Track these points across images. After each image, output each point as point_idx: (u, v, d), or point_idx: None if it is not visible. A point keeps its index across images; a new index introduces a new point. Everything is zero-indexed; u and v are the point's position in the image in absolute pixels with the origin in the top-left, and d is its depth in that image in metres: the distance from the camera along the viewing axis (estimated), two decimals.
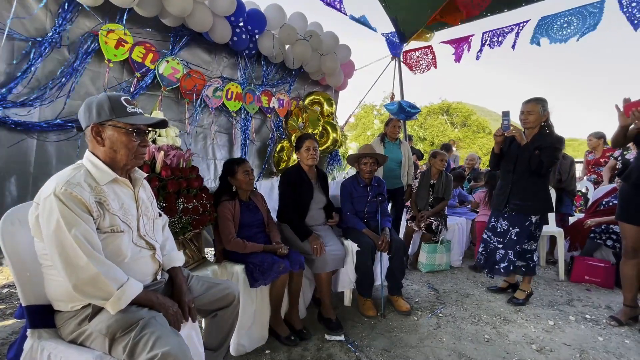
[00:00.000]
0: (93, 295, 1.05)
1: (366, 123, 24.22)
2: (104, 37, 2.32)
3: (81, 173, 1.11)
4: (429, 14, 4.27)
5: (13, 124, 2.00)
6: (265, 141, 3.74)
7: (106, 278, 1.04)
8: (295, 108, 3.92)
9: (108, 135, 1.15)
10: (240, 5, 2.91)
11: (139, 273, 1.21)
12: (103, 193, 1.12)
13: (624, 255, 2.35)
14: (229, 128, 3.34)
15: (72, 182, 1.06)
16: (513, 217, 2.56)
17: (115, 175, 1.17)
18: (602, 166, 4.61)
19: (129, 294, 1.08)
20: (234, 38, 3.03)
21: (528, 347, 2.06)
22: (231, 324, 1.52)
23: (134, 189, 1.26)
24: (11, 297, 2.60)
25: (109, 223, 1.12)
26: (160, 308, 1.16)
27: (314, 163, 2.42)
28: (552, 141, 2.39)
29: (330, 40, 3.77)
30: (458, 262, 3.70)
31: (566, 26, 3.41)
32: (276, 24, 3.32)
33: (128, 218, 1.19)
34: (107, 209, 1.12)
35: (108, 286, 1.04)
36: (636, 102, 2.01)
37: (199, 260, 2.02)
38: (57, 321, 1.16)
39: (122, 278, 1.08)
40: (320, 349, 1.99)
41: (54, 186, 1.04)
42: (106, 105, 1.14)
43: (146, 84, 2.59)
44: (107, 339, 1.06)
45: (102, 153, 1.17)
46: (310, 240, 2.25)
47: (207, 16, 2.70)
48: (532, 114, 2.43)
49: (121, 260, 1.15)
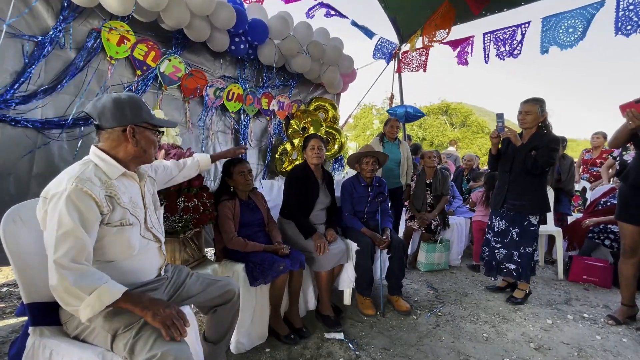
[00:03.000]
0: (63, 302, 1.01)
1: (366, 123, 24.21)
2: (107, 34, 2.32)
3: (90, 168, 1.12)
4: (428, 14, 4.28)
5: (13, 122, 2.00)
6: (264, 143, 3.74)
7: (75, 286, 0.97)
8: (297, 111, 3.91)
9: (144, 136, 1.20)
10: (241, 17, 2.87)
11: (148, 265, 1.26)
12: (113, 187, 1.14)
13: (622, 254, 2.36)
14: (229, 128, 3.35)
15: (82, 177, 1.06)
16: (511, 217, 2.59)
17: (124, 169, 1.19)
18: (597, 166, 4.63)
19: (103, 300, 0.99)
20: (232, 47, 3.02)
21: (526, 345, 2.07)
22: (232, 319, 1.54)
23: (139, 182, 1.29)
24: (11, 296, 2.60)
25: (120, 216, 1.14)
26: (146, 312, 1.03)
27: (319, 162, 2.43)
28: (548, 141, 2.40)
29: (334, 52, 3.73)
30: (457, 262, 3.71)
31: (572, 31, 3.41)
32: (280, 35, 3.29)
33: (136, 211, 1.21)
34: (118, 202, 1.14)
35: (77, 293, 0.98)
36: (631, 103, 2.04)
37: (199, 259, 2.03)
38: (62, 316, 1.17)
39: (95, 284, 0.99)
40: (320, 348, 2.00)
41: (65, 182, 1.04)
42: (142, 108, 1.20)
43: (149, 82, 2.59)
44: (109, 335, 1.07)
45: (126, 151, 1.19)
46: (314, 239, 2.25)
47: (204, 28, 2.69)
48: (530, 114, 2.45)
49: (130, 253, 1.17)
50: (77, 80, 2.28)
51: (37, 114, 2.12)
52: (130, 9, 2.28)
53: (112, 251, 1.14)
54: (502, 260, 2.64)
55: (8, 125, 2.00)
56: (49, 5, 2.12)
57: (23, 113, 2.06)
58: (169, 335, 1.01)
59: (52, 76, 2.18)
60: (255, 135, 3.62)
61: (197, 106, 3.04)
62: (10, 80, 2.00)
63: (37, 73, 2.10)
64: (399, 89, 5.24)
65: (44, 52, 2.10)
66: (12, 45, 2.00)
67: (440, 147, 22.51)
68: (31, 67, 2.05)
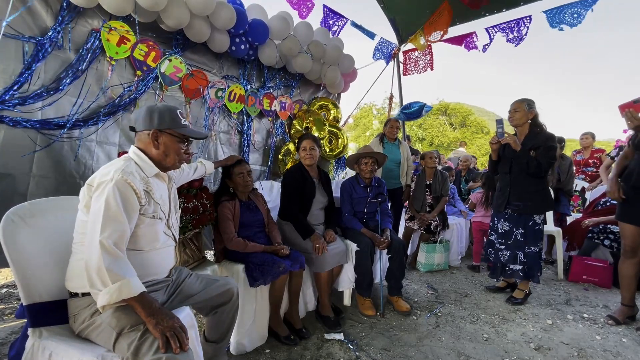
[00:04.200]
0: (90, 281, 1.07)
1: (366, 123, 24.21)
2: (106, 34, 2.31)
3: (132, 164, 1.24)
4: (427, 15, 4.28)
5: (12, 123, 2.00)
6: (266, 144, 3.73)
7: (107, 270, 1.05)
8: (299, 111, 3.91)
9: (164, 141, 1.31)
10: (242, 17, 2.86)
11: (164, 261, 1.35)
12: (150, 183, 1.27)
13: (622, 254, 2.36)
14: (232, 129, 3.33)
15: (127, 170, 1.18)
16: (515, 218, 2.60)
17: (158, 170, 1.32)
18: (590, 166, 4.65)
19: (122, 292, 1.06)
20: (232, 47, 3.01)
21: (526, 346, 2.07)
22: (232, 318, 1.57)
23: (167, 184, 1.41)
24: (10, 297, 2.59)
25: (153, 210, 1.26)
26: (150, 319, 1.06)
27: (311, 163, 2.43)
28: (544, 140, 2.45)
29: (334, 51, 3.73)
30: (457, 262, 3.71)
31: (577, 16, 3.52)
32: (280, 35, 3.28)
33: (164, 208, 1.34)
34: (153, 197, 1.26)
35: (105, 278, 1.05)
36: (630, 102, 2.05)
37: (199, 259, 2.03)
38: (70, 309, 1.19)
39: (122, 275, 1.07)
40: (320, 348, 1.99)
41: (112, 173, 1.15)
42: (167, 116, 1.31)
43: (149, 82, 2.59)
44: (114, 333, 1.08)
45: (153, 153, 1.32)
46: (312, 239, 2.25)
47: (204, 28, 2.68)
48: (518, 111, 2.54)
49: (154, 245, 1.29)
50: (77, 81, 2.28)
51: (37, 115, 2.12)
52: (130, 9, 2.27)
53: (141, 240, 1.24)
54: (506, 262, 2.65)
55: (7, 126, 1.99)
56: (47, 6, 2.11)
57: (23, 114, 2.05)
58: (165, 347, 1.02)
59: (51, 77, 2.18)
60: (258, 136, 3.61)
61: (199, 107, 3.03)
62: (10, 81, 2.00)
63: (37, 74, 2.10)
64: (398, 90, 5.24)
65: (43, 52, 2.09)
66: (11, 45, 2.00)
67: (440, 147, 22.53)
68: (30, 68, 2.05)
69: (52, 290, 1.22)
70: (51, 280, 1.22)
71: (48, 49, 2.11)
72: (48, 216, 1.28)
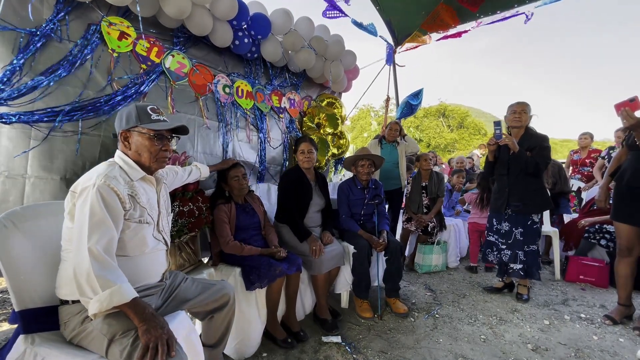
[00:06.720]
0: (80, 289, 1.05)
1: (363, 125, 24.27)
2: (107, 28, 2.28)
3: (116, 169, 1.22)
4: (423, 16, 4.30)
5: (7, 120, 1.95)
6: (281, 141, 3.66)
7: (97, 277, 1.03)
8: (309, 108, 3.85)
9: (134, 140, 1.28)
10: (243, 9, 2.84)
11: (155, 266, 1.33)
12: (135, 187, 1.24)
13: (618, 254, 2.37)
14: (248, 124, 3.26)
15: (109, 175, 1.16)
16: (514, 218, 2.64)
17: (144, 173, 1.29)
18: (587, 166, 4.68)
19: (113, 299, 1.04)
20: (236, 42, 2.99)
21: (524, 346, 2.07)
22: (228, 322, 1.56)
23: (156, 187, 1.38)
24: (4, 303, 2.56)
25: (139, 214, 1.23)
26: (142, 325, 1.04)
27: (309, 166, 2.43)
28: (540, 140, 2.54)
29: (336, 46, 3.72)
30: (456, 263, 3.71)
31: None
32: (282, 30, 3.25)
33: (152, 212, 1.30)
34: (138, 201, 1.23)
35: (95, 285, 1.03)
36: (625, 101, 2.06)
37: (195, 263, 2.01)
38: (61, 316, 1.17)
39: (113, 282, 1.05)
40: (318, 351, 1.98)
41: (94, 178, 1.13)
42: (133, 114, 1.27)
43: (155, 76, 2.55)
44: (106, 339, 1.06)
45: (130, 155, 1.29)
46: (309, 242, 2.25)
47: (207, 20, 2.66)
48: (525, 113, 2.60)
49: (143, 250, 1.26)
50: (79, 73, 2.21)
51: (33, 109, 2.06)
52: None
53: (128, 246, 1.21)
54: (507, 262, 2.69)
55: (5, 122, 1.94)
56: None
57: (18, 107, 1.99)
58: (142, 358, 1.00)
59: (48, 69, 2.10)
60: (273, 133, 3.54)
61: (212, 102, 2.99)
62: (3, 75, 1.95)
63: (33, 66, 2.05)
64: (394, 91, 5.25)
65: (38, 45, 2.05)
66: (6, 38, 1.96)
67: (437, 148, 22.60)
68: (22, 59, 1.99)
69: (44, 295, 1.20)
70: (44, 285, 1.21)
71: (43, 41, 2.07)
72: (40, 221, 1.27)
